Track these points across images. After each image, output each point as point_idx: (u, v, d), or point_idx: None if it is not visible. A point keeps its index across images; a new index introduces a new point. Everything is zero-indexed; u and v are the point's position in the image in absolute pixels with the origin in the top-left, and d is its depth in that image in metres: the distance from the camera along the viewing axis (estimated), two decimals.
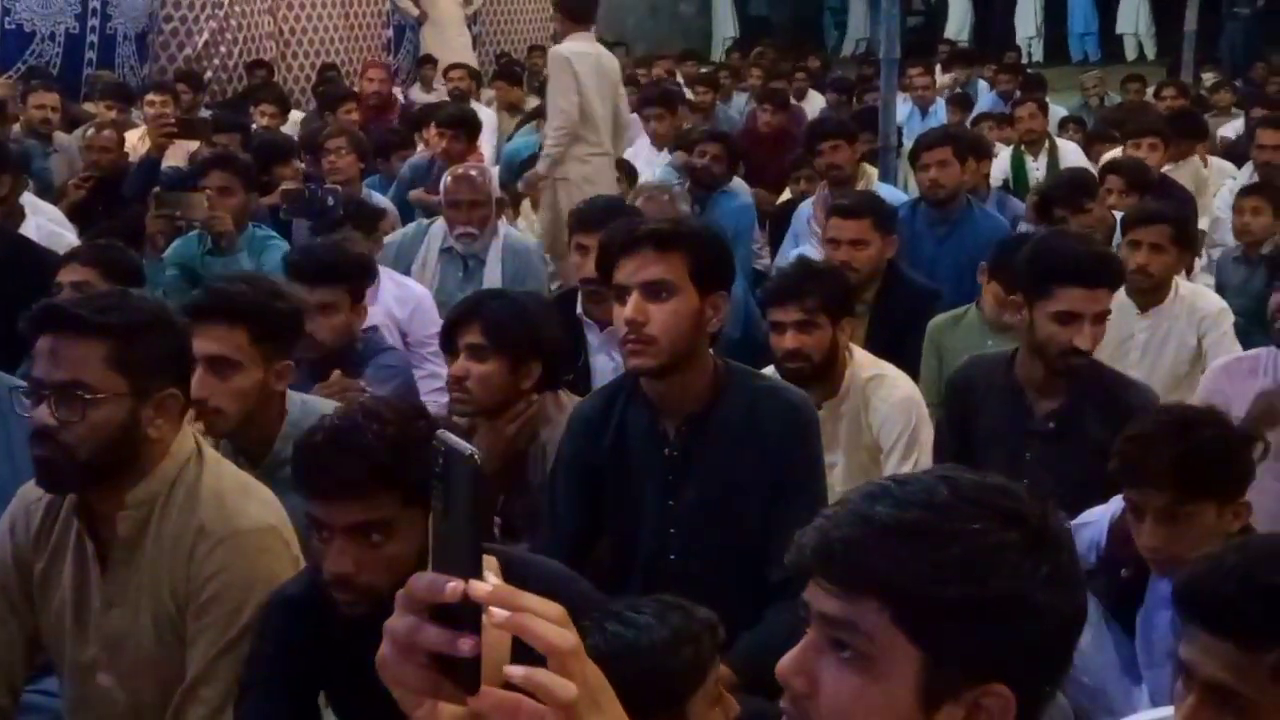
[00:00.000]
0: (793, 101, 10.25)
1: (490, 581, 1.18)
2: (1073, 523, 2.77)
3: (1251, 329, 4.47)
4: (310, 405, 3.16)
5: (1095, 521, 2.89)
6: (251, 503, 2.57)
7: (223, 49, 12.36)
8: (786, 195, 7.23)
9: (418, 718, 1.21)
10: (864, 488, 1.38)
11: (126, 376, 2.44)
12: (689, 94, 10.39)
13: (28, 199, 5.45)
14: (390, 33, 14.09)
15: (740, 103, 11.42)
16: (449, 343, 3.41)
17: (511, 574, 1.27)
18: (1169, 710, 1.91)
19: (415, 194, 6.74)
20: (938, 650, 1.27)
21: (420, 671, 1.18)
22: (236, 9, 12.42)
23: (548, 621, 1.16)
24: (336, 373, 3.79)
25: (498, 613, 1.15)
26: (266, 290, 3.20)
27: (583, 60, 6.75)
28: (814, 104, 11.22)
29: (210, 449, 2.70)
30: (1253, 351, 3.83)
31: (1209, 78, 12.16)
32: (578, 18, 6.97)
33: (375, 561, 2.25)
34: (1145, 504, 2.63)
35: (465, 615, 1.17)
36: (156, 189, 5.54)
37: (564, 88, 6.69)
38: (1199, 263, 5.51)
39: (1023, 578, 1.26)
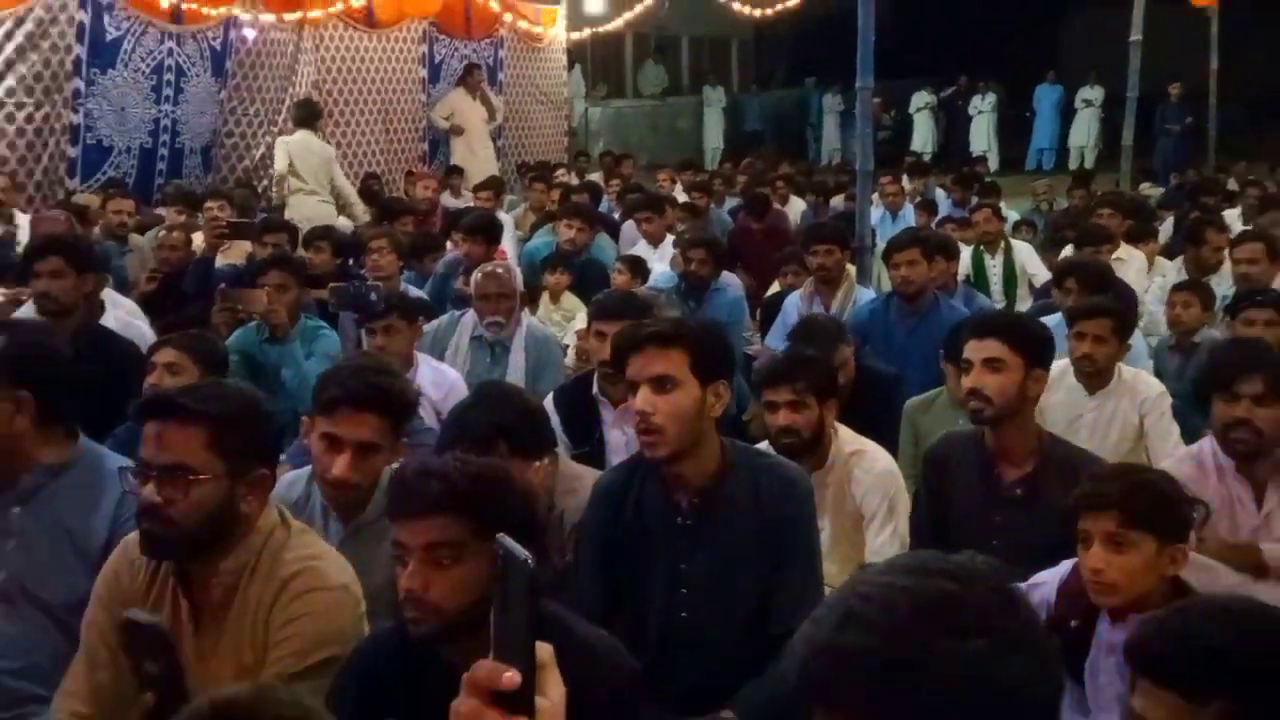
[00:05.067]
0: (776, 205, 10.28)
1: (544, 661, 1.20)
2: (1025, 584, 2.76)
3: (1187, 411, 4.46)
4: None
5: (1046, 582, 2.88)
6: (330, 566, 2.58)
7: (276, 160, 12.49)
8: (776, 287, 7.21)
9: None
10: (839, 600, 1.23)
11: (225, 459, 2.46)
12: (686, 197, 10.49)
13: (108, 294, 5.46)
14: (425, 146, 14.26)
15: (732, 204, 11.49)
16: None
17: (563, 652, 1.27)
18: None
19: (460, 285, 6.72)
20: None
21: None
22: (289, 125, 12.56)
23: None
24: None
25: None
26: (405, 385, 3.20)
27: (295, 144, 10.02)
28: (795, 208, 11.31)
29: (294, 520, 2.71)
30: (1194, 446, 3.74)
31: (1145, 187, 12.33)
32: (301, 123, 10.32)
33: (444, 582, 2.21)
34: (1094, 529, 2.62)
35: (520, 699, 1.19)
36: (221, 285, 5.57)
37: (278, 157, 10.13)
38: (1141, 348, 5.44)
39: (993, 681, 1.14)
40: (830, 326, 4.78)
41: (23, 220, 8.59)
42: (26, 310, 4.91)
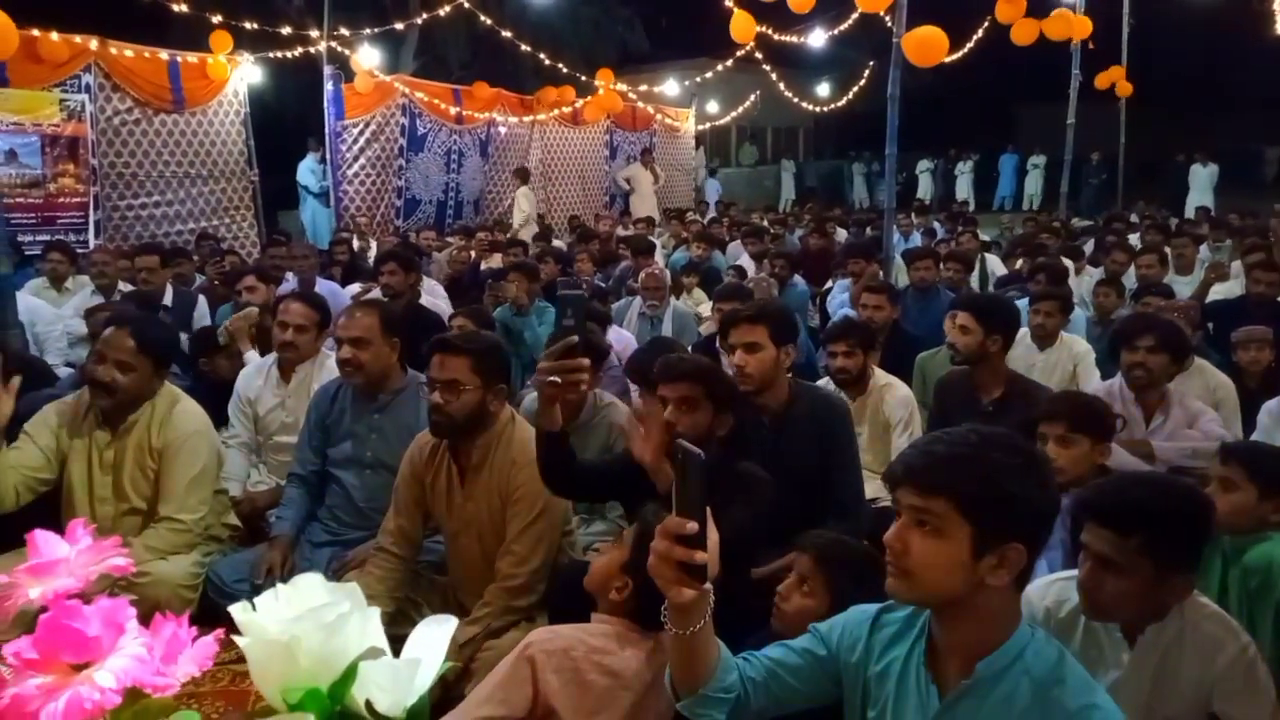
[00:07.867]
0: (827, 234, 10.02)
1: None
2: None
3: (1103, 362, 4.23)
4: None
5: None
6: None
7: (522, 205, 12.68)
8: (828, 285, 7.04)
9: (671, 596, 1.24)
10: (926, 437, 1.36)
11: (480, 377, 2.46)
12: (770, 230, 10.32)
13: (424, 283, 5.62)
14: (606, 198, 14.30)
15: (800, 232, 11.23)
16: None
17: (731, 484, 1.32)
18: (1071, 572, 1.84)
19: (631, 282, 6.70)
20: (979, 524, 1.24)
21: (673, 572, 1.21)
22: (521, 186, 12.75)
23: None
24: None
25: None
26: (603, 341, 3.13)
27: (522, 193, 10.69)
28: (840, 236, 10.97)
29: (520, 416, 2.63)
30: (1107, 382, 3.57)
31: (1077, 220, 11.74)
32: (523, 179, 11.05)
33: (687, 419, 2.30)
34: (1050, 432, 2.52)
35: (697, 541, 1.19)
36: (489, 280, 5.69)
37: (522, 201, 10.71)
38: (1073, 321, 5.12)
39: (1020, 483, 1.23)
40: (889, 285, 4.83)
41: (373, 243, 8.93)
42: (375, 295, 5.05)
